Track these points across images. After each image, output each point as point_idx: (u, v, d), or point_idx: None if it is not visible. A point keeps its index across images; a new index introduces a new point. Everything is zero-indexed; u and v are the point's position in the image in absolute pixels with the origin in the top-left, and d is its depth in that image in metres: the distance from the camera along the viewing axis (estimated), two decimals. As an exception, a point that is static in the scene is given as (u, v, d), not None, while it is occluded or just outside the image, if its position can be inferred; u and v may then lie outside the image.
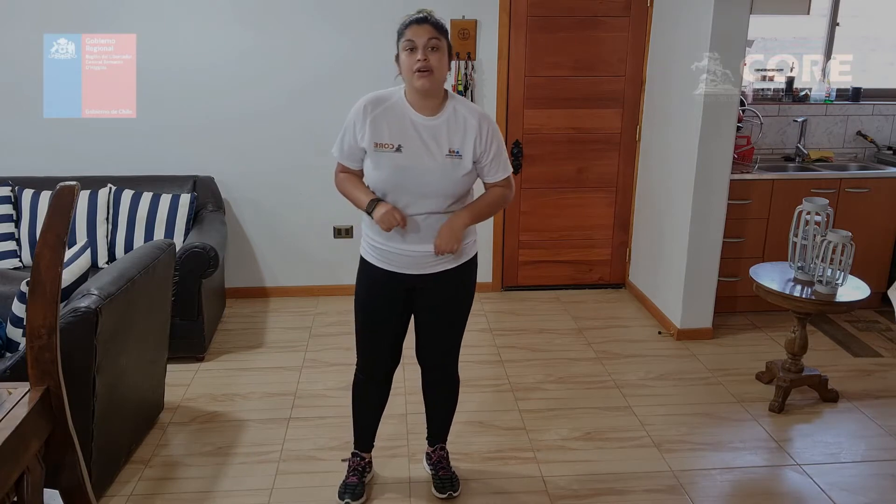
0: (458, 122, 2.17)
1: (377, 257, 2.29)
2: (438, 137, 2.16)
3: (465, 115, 2.18)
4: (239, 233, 4.30)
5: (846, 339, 3.89)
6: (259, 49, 4.06)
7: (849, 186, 4.01)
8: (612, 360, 3.61)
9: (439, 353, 2.44)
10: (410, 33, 2.09)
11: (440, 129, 2.16)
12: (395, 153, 2.14)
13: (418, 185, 2.15)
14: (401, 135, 2.15)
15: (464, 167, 2.17)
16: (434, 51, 2.09)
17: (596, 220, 4.53)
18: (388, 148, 2.14)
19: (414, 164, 2.14)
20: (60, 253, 1.54)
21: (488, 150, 2.19)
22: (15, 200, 3.77)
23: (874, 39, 4.73)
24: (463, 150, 2.17)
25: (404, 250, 2.23)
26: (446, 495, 2.50)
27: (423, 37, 2.08)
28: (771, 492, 2.62)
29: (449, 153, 2.16)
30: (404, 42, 2.10)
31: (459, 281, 2.33)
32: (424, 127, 2.16)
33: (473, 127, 2.17)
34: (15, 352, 2.45)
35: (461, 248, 2.25)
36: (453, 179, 2.17)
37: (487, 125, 2.19)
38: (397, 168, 2.14)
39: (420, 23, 2.10)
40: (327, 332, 3.91)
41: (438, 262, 2.26)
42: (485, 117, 2.20)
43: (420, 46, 2.08)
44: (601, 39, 4.21)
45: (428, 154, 2.15)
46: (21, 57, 3.87)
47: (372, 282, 2.33)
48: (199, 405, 3.15)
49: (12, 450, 1.45)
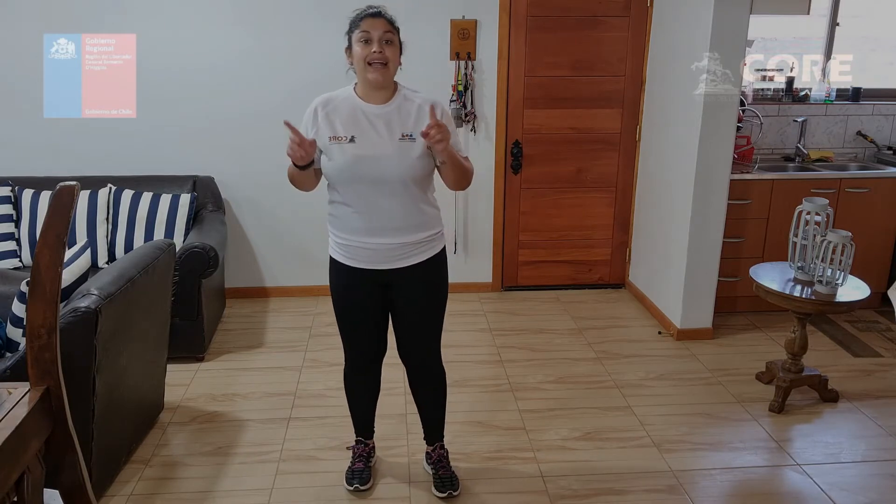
0: (409, 107, 2.22)
1: (345, 255, 2.31)
2: (390, 123, 2.20)
3: (416, 100, 2.24)
4: (239, 233, 4.30)
5: (846, 339, 3.89)
6: (259, 49, 4.06)
7: (849, 186, 4.01)
8: (612, 360, 3.61)
9: (420, 349, 2.47)
10: (366, 25, 2.15)
11: (392, 115, 2.21)
12: (349, 144, 2.18)
13: (375, 171, 2.18)
14: (353, 126, 2.20)
15: (417, 149, 2.20)
16: (388, 44, 2.16)
17: (596, 219, 4.53)
18: (342, 140, 2.19)
19: (368, 151, 2.18)
20: (60, 253, 1.54)
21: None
22: (15, 200, 3.77)
23: (874, 39, 4.73)
24: (415, 132, 2.19)
25: (371, 243, 2.25)
26: (446, 494, 2.51)
27: (379, 29, 2.14)
28: (771, 492, 2.62)
29: (402, 137, 2.19)
30: (359, 33, 2.15)
31: (432, 274, 2.36)
32: (375, 115, 2.21)
33: (426, 110, 2.20)
34: (15, 352, 2.45)
35: (443, 139, 2.08)
36: (409, 163, 2.19)
37: (441, 109, 2.22)
38: (353, 157, 2.18)
39: (375, 16, 2.17)
40: (327, 332, 3.91)
41: (407, 254, 2.28)
42: (438, 102, 2.23)
43: (375, 39, 2.14)
44: (601, 39, 4.21)
45: (381, 140, 2.19)
46: (21, 57, 3.87)
47: (344, 280, 2.35)
48: (199, 405, 3.15)
49: (12, 450, 1.45)
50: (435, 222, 2.34)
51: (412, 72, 4.47)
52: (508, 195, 4.41)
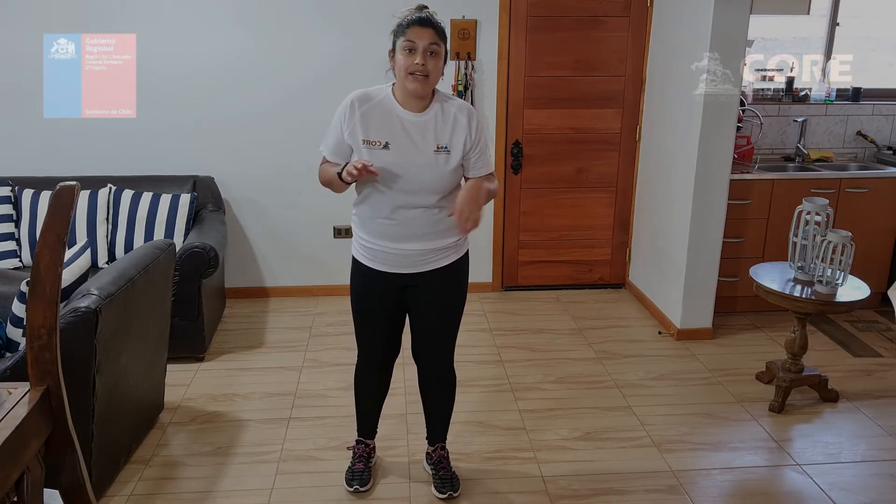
0: (445, 118, 2.18)
1: (369, 257, 2.30)
2: (426, 133, 2.16)
3: (453, 110, 2.20)
4: (239, 233, 4.30)
5: (846, 339, 3.89)
6: (259, 49, 4.06)
7: (849, 186, 4.01)
8: (612, 360, 3.61)
9: (436, 351, 2.46)
10: (413, 34, 2.08)
11: (428, 125, 2.17)
12: (383, 150, 2.14)
13: (406, 181, 2.15)
14: (389, 132, 2.15)
15: (452, 162, 2.18)
16: (433, 56, 2.10)
17: (596, 220, 4.53)
18: (376, 145, 2.15)
19: (402, 160, 2.14)
20: (60, 253, 1.54)
21: (475, 144, 2.20)
22: (15, 200, 3.77)
23: (874, 39, 4.73)
24: (451, 145, 2.17)
25: (395, 249, 2.24)
26: (446, 495, 2.51)
27: (425, 40, 2.08)
28: (771, 492, 2.62)
29: (437, 149, 2.16)
30: (404, 42, 2.09)
31: (452, 278, 2.34)
32: (412, 123, 2.16)
33: (463, 122, 2.18)
34: (15, 352, 2.45)
35: (478, 219, 2.13)
36: (441, 175, 2.17)
37: (476, 120, 2.21)
38: (386, 165, 2.14)
39: (423, 24, 2.09)
40: (327, 332, 3.91)
41: (431, 259, 2.27)
42: (473, 112, 2.22)
43: (420, 49, 2.08)
44: (601, 39, 4.21)
45: (416, 150, 2.15)
46: (21, 57, 3.87)
47: (365, 281, 2.34)
48: (199, 405, 3.15)
49: (12, 450, 1.45)
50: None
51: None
52: (508, 195, 4.41)
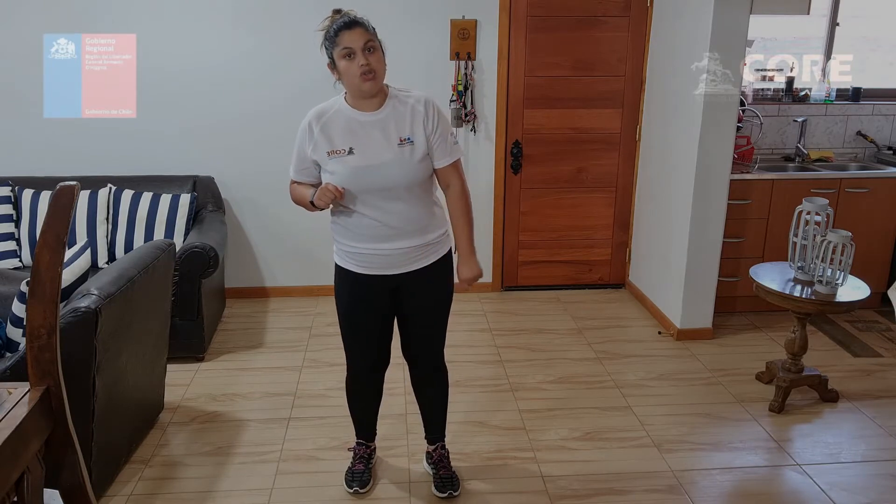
0: (403, 110, 2.20)
1: (353, 262, 2.30)
2: (387, 129, 2.18)
3: (410, 102, 2.21)
4: (239, 233, 4.30)
5: (846, 339, 3.89)
6: (259, 49, 4.06)
7: (849, 186, 4.00)
8: (612, 360, 3.61)
9: (427, 349, 2.47)
10: (345, 39, 2.09)
11: (387, 121, 2.19)
12: (349, 156, 2.16)
13: (378, 180, 2.17)
14: (350, 137, 2.18)
15: (418, 152, 2.19)
16: (372, 52, 2.11)
17: (596, 219, 4.53)
18: (341, 153, 2.17)
19: (369, 161, 2.16)
20: (60, 253, 1.54)
21: (435, 129, 2.21)
22: (15, 200, 3.77)
23: (874, 39, 4.73)
24: (413, 135, 2.19)
25: (380, 249, 2.24)
26: (446, 494, 2.51)
27: (360, 41, 2.09)
28: (771, 492, 2.63)
29: (400, 142, 2.18)
30: (341, 50, 2.10)
31: (438, 275, 2.35)
32: (371, 123, 2.18)
33: (420, 110, 2.19)
34: (15, 352, 2.45)
35: (479, 272, 2.38)
36: (411, 167, 2.18)
37: (433, 107, 2.22)
38: (354, 168, 2.16)
39: (351, 27, 2.10)
40: (327, 332, 3.91)
41: (416, 258, 2.28)
42: (430, 101, 2.23)
43: (358, 50, 2.09)
44: (601, 39, 4.21)
45: (380, 148, 2.17)
46: (21, 57, 3.87)
47: (352, 288, 2.33)
48: (199, 405, 3.15)
49: (12, 450, 1.45)
50: (442, 221, 2.34)
51: (412, 72, 4.47)
52: (508, 195, 4.41)
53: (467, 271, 2.36)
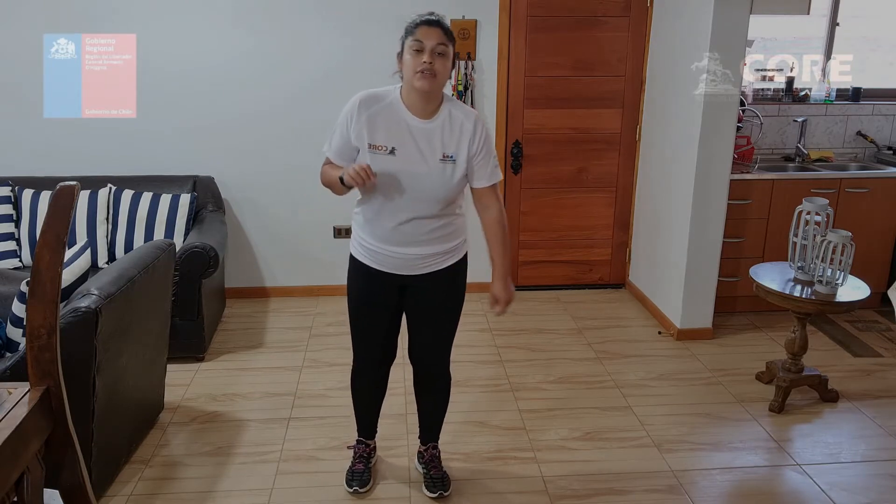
0: (453, 126, 2.17)
1: (368, 257, 2.30)
2: (433, 141, 2.15)
3: (461, 117, 2.19)
4: (239, 233, 4.30)
5: (846, 339, 3.89)
6: (259, 49, 4.06)
7: (849, 186, 4.01)
8: (612, 360, 3.61)
9: (432, 353, 2.46)
10: (421, 34, 2.08)
11: (435, 132, 2.16)
12: (389, 156, 2.13)
13: (411, 188, 2.15)
14: (396, 137, 2.14)
15: (458, 171, 2.17)
16: (440, 56, 2.09)
17: (596, 220, 4.53)
18: (382, 150, 2.13)
19: (407, 168, 2.13)
20: (60, 253, 1.54)
21: (479, 150, 2.19)
22: (15, 200, 3.77)
23: (874, 39, 4.73)
24: (457, 153, 2.16)
25: (394, 252, 2.24)
26: (437, 494, 2.50)
27: (433, 40, 2.08)
28: (771, 492, 2.63)
29: (443, 158, 2.15)
30: (412, 42, 2.09)
31: (451, 281, 2.34)
32: (419, 130, 2.15)
33: (468, 129, 2.18)
34: (15, 352, 2.45)
35: (513, 294, 2.34)
36: (446, 184, 2.17)
37: (482, 127, 2.21)
38: (391, 171, 2.13)
39: (431, 25, 2.10)
40: (327, 332, 3.91)
41: (430, 263, 2.27)
42: (479, 120, 2.21)
43: (428, 49, 2.07)
44: (601, 39, 4.21)
45: (422, 158, 2.14)
46: (21, 57, 3.87)
47: (364, 280, 2.33)
48: (199, 405, 3.15)
49: (12, 450, 1.45)
50: (461, 230, 2.32)
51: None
52: (508, 195, 4.41)
53: (502, 291, 2.30)
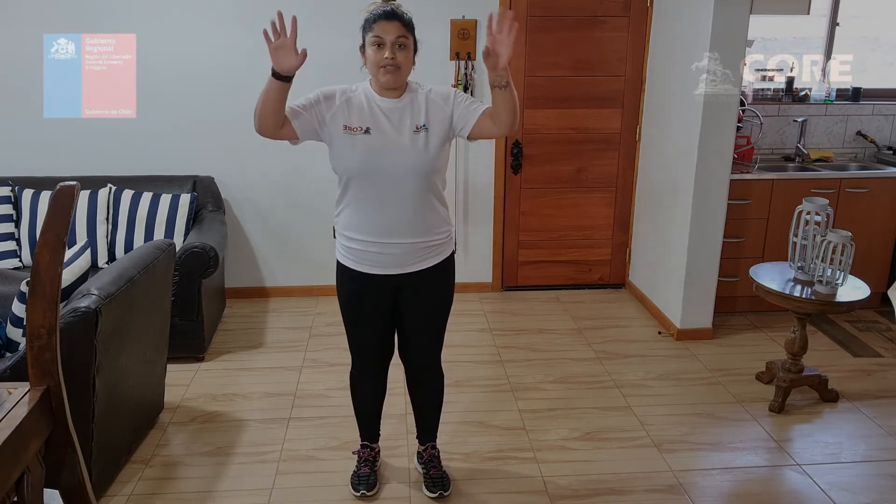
0: (420, 100, 2.22)
1: (355, 259, 2.29)
2: (403, 117, 2.20)
3: (428, 93, 2.24)
4: (239, 233, 4.30)
5: (846, 339, 3.89)
6: (259, 49, 4.00)
7: (849, 186, 4.01)
8: (612, 360, 3.61)
9: (425, 350, 2.46)
10: (379, 29, 2.12)
11: (405, 109, 2.21)
12: (365, 135, 2.17)
13: (390, 164, 2.17)
14: (368, 118, 2.19)
15: (433, 140, 2.20)
16: (401, 48, 2.13)
17: (596, 220, 4.53)
18: (357, 131, 2.18)
19: (384, 143, 2.17)
20: (60, 253, 1.54)
21: (458, 102, 2.23)
22: (15, 200, 3.77)
23: (874, 39, 4.73)
24: (430, 122, 2.20)
25: (382, 244, 2.23)
26: (437, 494, 2.51)
27: (392, 34, 2.11)
28: (771, 492, 2.63)
29: (416, 129, 2.19)
30: (372, 37, 2.13)
31: (440, 278, 2.35)
32: (389, 109, 2.20)
33: (438, 101, 2.22)
34: (15, 352, 2.45)
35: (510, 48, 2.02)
36: (424, 156, 2.19)
37: (454, 92, 2.26)
38: (369, 149, 2.17)
39: (389, 18, 2.12)
40: (327, 332, 3.91)
41: (419, 258, 2.27)
42: (450, 89, 2.27)
43: (388, 44, 2.11)
44: (601, 39, 4.21)
45: (396, 133, 2.18)
46: (21, 57, 3.87)
47: (355, 286, 2.33)
48: (199, 405, 3.15)
49: (12, 450, 1.45)
50: (446, 221, 2.34)
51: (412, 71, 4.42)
52: (508, 195, 4.41)
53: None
